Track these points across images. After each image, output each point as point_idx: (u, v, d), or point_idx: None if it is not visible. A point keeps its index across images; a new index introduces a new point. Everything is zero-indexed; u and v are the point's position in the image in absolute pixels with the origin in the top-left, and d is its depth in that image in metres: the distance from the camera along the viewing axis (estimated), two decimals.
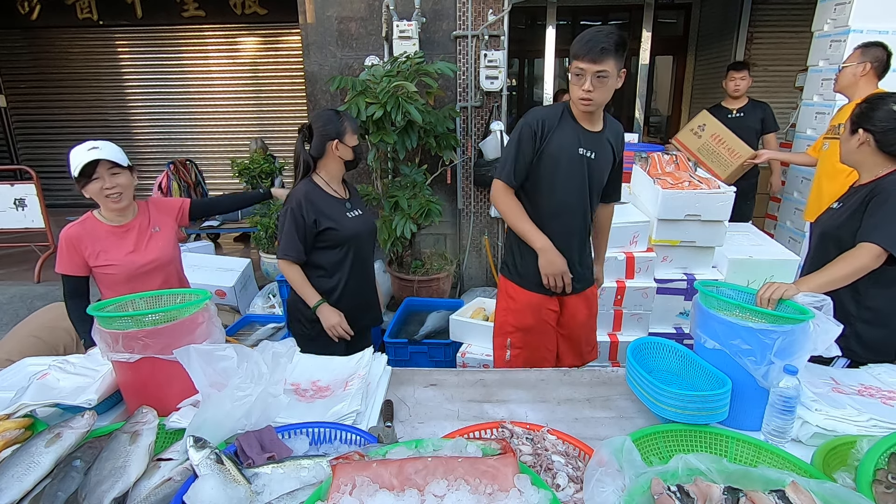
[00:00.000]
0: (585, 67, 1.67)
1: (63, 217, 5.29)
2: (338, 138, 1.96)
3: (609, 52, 1.64)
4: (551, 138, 1.82)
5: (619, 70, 1.70)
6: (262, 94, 6.82)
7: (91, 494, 0.98)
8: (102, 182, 1.76)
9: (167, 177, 5.13)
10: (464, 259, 4.29)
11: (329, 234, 1.98)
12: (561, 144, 1.82)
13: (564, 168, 1.83)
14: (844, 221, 1.66)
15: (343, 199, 2.06)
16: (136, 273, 1.87)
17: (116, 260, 1.85)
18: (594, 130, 1.86)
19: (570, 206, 1.89)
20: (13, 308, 3.97)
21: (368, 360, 1.55)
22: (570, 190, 1.87)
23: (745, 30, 6.17)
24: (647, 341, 1.52)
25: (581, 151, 1.83)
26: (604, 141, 1.88)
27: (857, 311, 1.68)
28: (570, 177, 1.85)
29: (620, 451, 0.98)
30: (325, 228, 1.96)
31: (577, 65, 1.69)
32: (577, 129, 1.83)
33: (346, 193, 2.10)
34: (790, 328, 1.18)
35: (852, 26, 3.30)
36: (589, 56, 1.65)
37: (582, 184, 1.87)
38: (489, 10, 3.80)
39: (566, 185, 1.86)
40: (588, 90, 1.70)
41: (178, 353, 1.19)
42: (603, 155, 1.89)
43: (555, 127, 1.82)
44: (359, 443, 1.19)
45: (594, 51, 1.64)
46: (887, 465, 1.02)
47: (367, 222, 2.13)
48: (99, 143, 1.78)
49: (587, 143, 1.84)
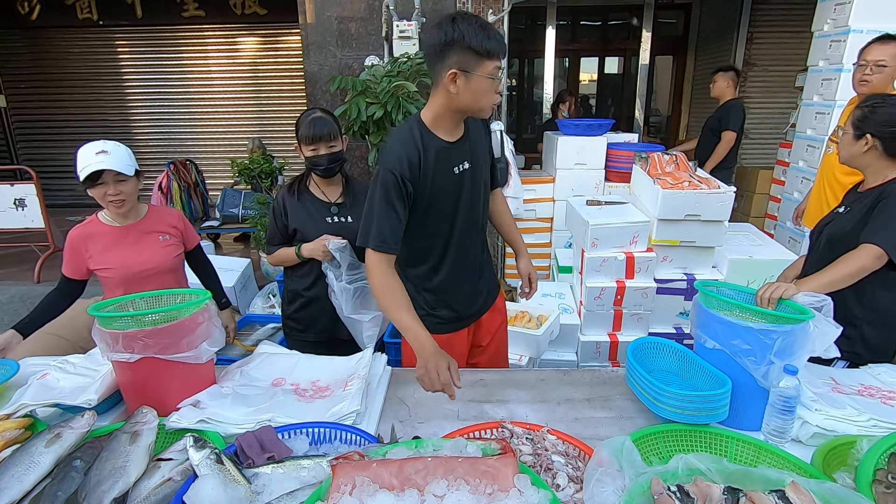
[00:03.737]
0: (501, 66, 1.41)
1: (63, 217, 5.31)
2: (298, 143, 1.90)
3: None
4: (422, 177, 1.46)
5: None
6: (262, 94, 6.81)
7: (91, 494, 0.98)
8: (107, 188, 1.76)
9: (167, 177, 5.12)
10: None
11: (299, 237, 1.94)
12: (434, 176, 1.47)
13: (444, 199, 1.52)
14: (854, 226, 1.64)
15: (328, 202, 1.95)
16: (132, 277, 1.85)
17: (112, 262, 1.84)
18: (457, 137, 1.53)
19: (464, 231, 1.60)
20: (13, 308, 3.97)
21: (368, 360, 1.55)
22: (460, 217, 1.57)
23: (745, 30, 6.17)
24: (647, 341, 1.52)
25: (456, 170, 1.53)
26: (469, 141, 1.57)
27: (861, 312, 1.67)
28: (454, 205, 1.55)
29: (620, 451, 0.98)
30: (294, 229, 1.92)
31: (496, 64, 1.38)
32: (442, 146, 1.49)
33: (338, 197, 1.98)
34: (790, 328, 1.18)
35: (852, 26, 3.30)
36: (503, 53, 1.39)
37: (470, 201, 1.58)
38: (489, 10, 3.80)
39: (452, 216, 1.56)
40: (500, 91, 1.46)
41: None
42: (477, 157, 1.59)
43: (419, 160, 1.44)
44: (359, 443, 1.19)
45: (503, 46, 1.39)
46: (887, 465, 1.02)
47: (353, 231, 1.78)
48: (108, 144, 1.75)
49: (457, 155, 1.53)
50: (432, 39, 1.38)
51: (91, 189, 1.76)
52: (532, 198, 3.97)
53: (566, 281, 3.27)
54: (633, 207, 2.92)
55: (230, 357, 2.37)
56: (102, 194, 1.77)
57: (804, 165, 3.77)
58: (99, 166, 1.70)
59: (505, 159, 3.80)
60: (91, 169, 1.69)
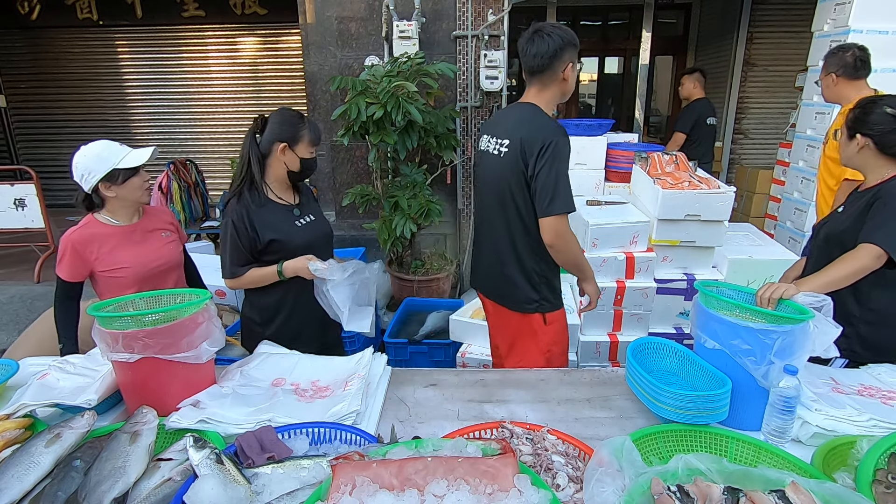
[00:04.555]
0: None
1: (63, 217, 5.30)
2: (288, 143, 1.77)
3: None
4: None
5: None
6: (262, 94, 6.81)
7: (91, 494, 0.98)
8: (143, 177, 1.85)
9: (167, 177, 5.12)
10: (464, 259, 4.29)
11: (275, 247, 1.78)
12: None
13: None
14: (849, 225, 1.66)
15: (289, 205, 1.86)
16: (148, 274, 1.87)
17: (127, 262, 1.84)
18: None
19: None
20: (13, 308, 3.97)
21: (368, 360, 1.55)
22: None
23: (745, 30, 6.17)
24: (647, 341, 1.52)
25: None
26: None
27: (859, 312, 1.68)
28: None
29: (620, 451, 0.98)
30: (269, 241, 1.76)
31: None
32: None
33: (294, 199, 1.90)
34: (790, 328, 1.18)
35: (852, 26, 3.30)
36: None
37: None
38: (489, 10, 3.81)
39: None
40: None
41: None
42: None
43: None
44: (359, 443, 1.19)
45: None
46: (887, 465, 1.02)
47: (321, 228, 1.93)
48: (120, 145, 1.85)
49: None
50: (555, 43, 1.71)
51: (126, 182, 1.80)
52: None
53: (566, 281, 3.26)
54: (633, 207, 2.92)
55: (230, 357, 2.37)
56: (139, 183, 1.85)
57: (804, 165, 3.77)
58: (144, 155, 1.82)
59: None
60: (140, 159, 1.80)
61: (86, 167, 1.77)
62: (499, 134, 1.86)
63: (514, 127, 1.80)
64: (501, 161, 1.82)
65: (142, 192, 1.87)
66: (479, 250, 2.08)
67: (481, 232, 2.03)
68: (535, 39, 1.73)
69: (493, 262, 1.95)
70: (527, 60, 1.77)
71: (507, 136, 1.81)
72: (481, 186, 2.01)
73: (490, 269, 1.99)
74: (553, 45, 1.71)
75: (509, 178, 1.80)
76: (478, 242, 2.08)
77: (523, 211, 1.82)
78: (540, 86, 1.80)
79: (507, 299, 1.96)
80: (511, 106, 1.94)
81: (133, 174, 1.82)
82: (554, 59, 1.73)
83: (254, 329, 1.90)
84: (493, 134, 1.90)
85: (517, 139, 1.76)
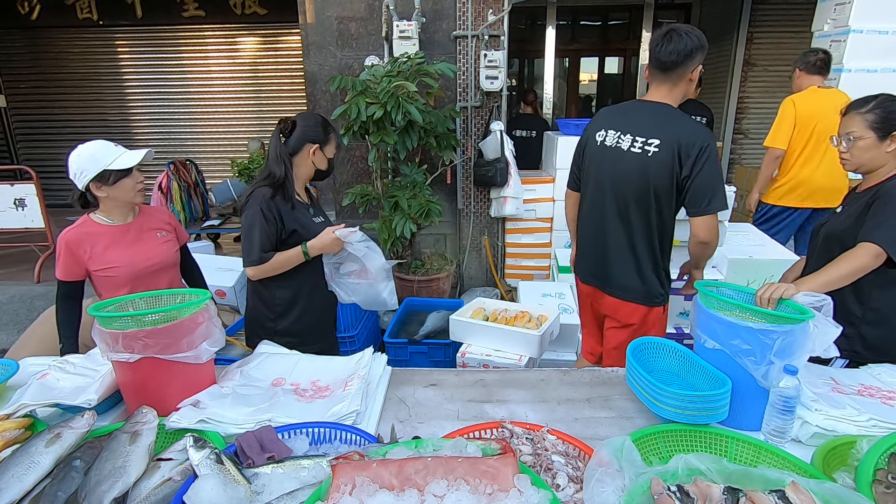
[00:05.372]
0: None
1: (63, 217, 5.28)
2: (319, 144, 1.88)
3: None
4: None
5: None
6: (262, 94, 6.82)
7: (91, 494, 0.98)
8: (136, 178, 1.84)
9: (167, 177, 5.11)
10: (464, 259, 4.30)
11: (295, 239, 1.86)
12: None
13: None
14: (849, 225, 1.65)
15: (307, 204, 1.97)
16: (139, 274, 1.87)
17: (119, 261, 1.84)
18: None
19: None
20: (13, 308, 3.97)
21: (368, 360, 1.55)
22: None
23: (745, 30, 6.17)
24: (647, 341, 1.52)
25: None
26: None
27: (861, 312, 1.68)
28: None
29: (620, 451, 0.98)
30: (292, 231, 1.85)
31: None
32: None
33: (308, 199, 2.01)
34: (790, 328, 1.18)
35: (852, 26, 3.30)
36: None
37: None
38: (489, 10, 3.80)
39: None
40: None
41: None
42: None
43: None
44: (359, 443, 1.19)
45: None
46: (887, 465, 1.02)
47: None
48: (116, 146, 1.84)
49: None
50: (692, 43, 1.78)
51: (118, 182, 1.80)
52: (532, 198, 3.97)
53: (566, 281, 3.27)
54: None
55: (230, 357, 2.37)
56: (133, 185, 1.84)
57: None
58: (136, 157, 1.81)
59: (505, 159, 3.80)
60: (132, 161, 1.80)
61: (79, 166, 1.77)
62: (633, 131, 1.88)
63: (659, 127, 1.83)
64: (648, 160, 1.83)
65: (134, 193, 1.86)
66: (599, 247, 2.06)
67: (603, 228, 2.02)
68: (673, 37, 1.78)
69: (624, 260, 1.98)
70: (661, 56, 1.81)
71: (653, 135, 1.83)
72: (601, 180, 1.99)
73: (619, 267, 2.00)
74: (690, 44, 1.78)
75: (658, 177, 1.83)
76: (597, 238, 2.06)
77: (665, 209, 1.88)
78: (670, 84, 1.86)
79: (635, 293, 2.01)
80: (639, 103, 1.95)
81: (124, 175, 1.80)
82: (688, 57, 1.79)
83: (265, 324, 1.93)
84: (620, 129, 1.92)
85: (672, 140, 1.78)
